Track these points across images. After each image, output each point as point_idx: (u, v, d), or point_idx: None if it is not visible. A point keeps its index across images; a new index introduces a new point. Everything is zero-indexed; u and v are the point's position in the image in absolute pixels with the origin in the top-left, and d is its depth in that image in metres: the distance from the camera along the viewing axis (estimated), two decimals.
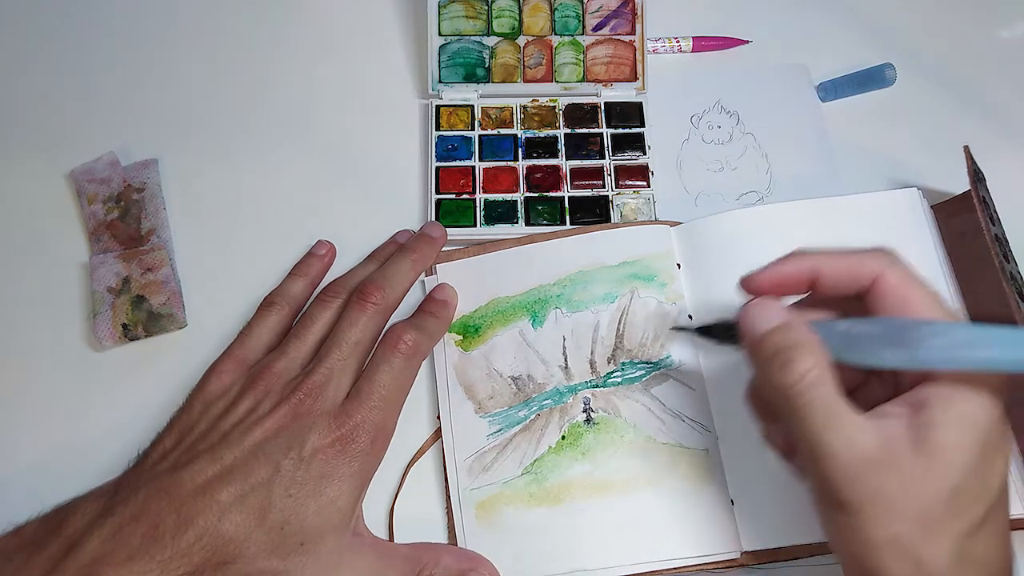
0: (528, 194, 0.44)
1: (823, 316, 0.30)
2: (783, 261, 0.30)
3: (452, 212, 0.43)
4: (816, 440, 0.26)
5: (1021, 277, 0.39)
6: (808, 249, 0.29)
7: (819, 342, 0.27)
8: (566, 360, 0.39)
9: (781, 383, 0.27)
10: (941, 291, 0.40)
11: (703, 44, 0.49)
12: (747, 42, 0.49)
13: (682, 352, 0.39)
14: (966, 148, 0.40)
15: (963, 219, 0.40)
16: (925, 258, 0.41)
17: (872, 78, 0.47)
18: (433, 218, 0.43)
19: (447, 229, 0.42)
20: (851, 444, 0.26)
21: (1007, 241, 0.40)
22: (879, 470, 0.25)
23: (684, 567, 0.35)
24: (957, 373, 0.26)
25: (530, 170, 0.44)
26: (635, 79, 0.46)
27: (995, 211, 0.41)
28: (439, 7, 0.46)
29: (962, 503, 0.25)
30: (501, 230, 0.43)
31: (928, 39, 0.50)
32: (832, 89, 0.47)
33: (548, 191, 0.44)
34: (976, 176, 0.40)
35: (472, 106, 0.46)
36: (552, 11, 0.46)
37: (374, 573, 0.33)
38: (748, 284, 0.30)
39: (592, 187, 0.44)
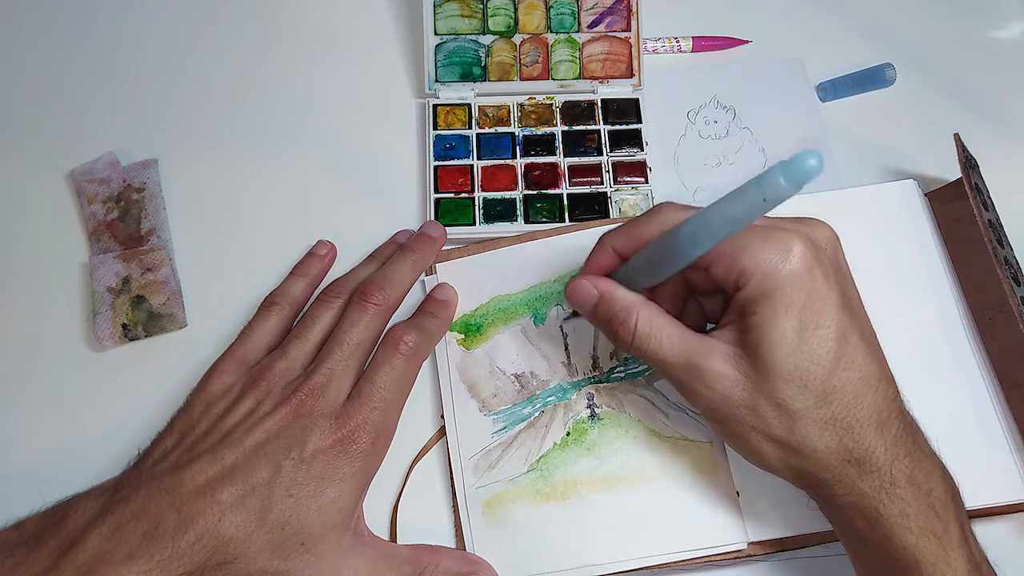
0: (527, 192, 0.44)
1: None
2: (595, 256, 0.34)
3: (451, 211, 0.43)
4: (673, 373, 0.31)
5: (1016, 262, 0.39)
6: (607, 229, 0.34)
7: (631, 297, 0.32)
8: (569, 356, 0.39)
9: (626, 343, 0.32)
10: (938, 279, 0.40)
11: (703, 44, 0.49)
12: (747, 42, 0.49)
13: None
14: (956, 136, 0.40)
15: (956, 206, 0.41)
16: (923, 247, 0.41)
17: (872, 78, 0.47)
18: (432, 217, 0.43)
19: (446, 228, 0.42)
20: (702, 365, 0.30)
21: (1002, 227, 0.40)
22: (727, 380, 0.30)
23: (692, 559, 0.35)
24: (757, 274, 0.29)
25: (528, 168, 0.45)
26: (631, 75, 0.47)
27: (989, 197, 0.41)
28: (435, 6, 0.46)
29: (800, 380, 0.29)
30: (500, 228, 0.43)
31: (927, 39, 0.50)
32: (832, 89, 0.48)
33: (547, 188, 0.44)
34: (968, 163, 0.40)
35: (469, 105, 0.46)
36: (547, 9, 0.47)
37: (374, 574, 0.33)
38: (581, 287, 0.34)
39: (590, 184, 0.44)
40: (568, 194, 0.44)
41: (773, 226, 0.30)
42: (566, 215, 0.43)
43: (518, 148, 0.45)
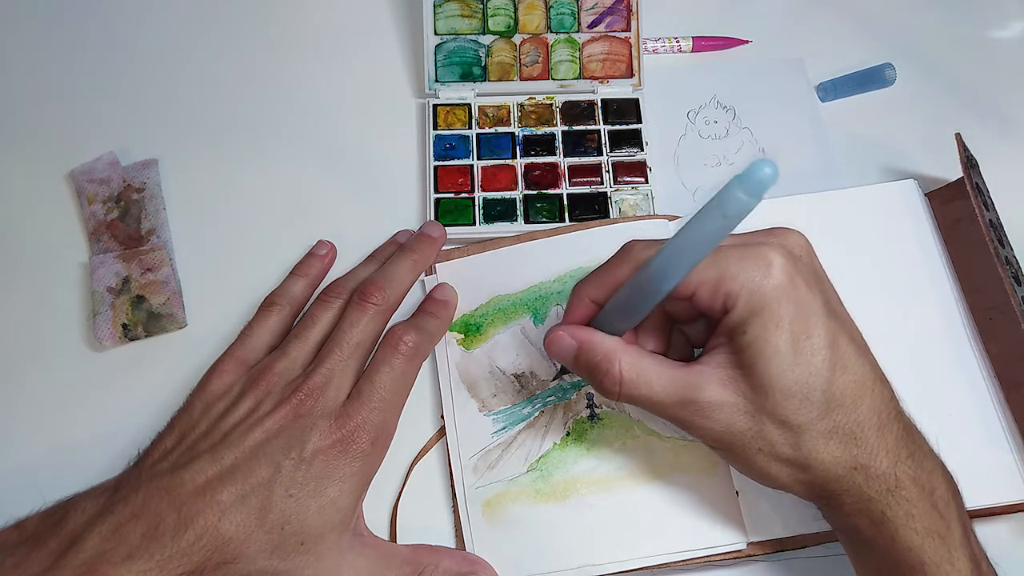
0: (527, 192, 0.44)
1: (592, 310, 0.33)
2: (572, 307, 0.33)
3: (451, 211, 0.43)
4: (669, 412, 0.31)
5: (1016, 261, 0.39)
6: (582, 279, 0.33)
7: (609, 343, 0.31)
8: None
9: (614, 392, 0.31)
10: (939, 279, 0.40)
11: (703, 44, 0.49)
12: (747, 42, 0.49)
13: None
14: (958, 135, 0.40)
15: (957, 206, 0.41)
16: (923, 247, 0.41)
17: (872, 78, 0.47)
18: (432, 217, 0.43)
19: (446, 228, 0.42)
20: (692, 395, 0.30)
21: (1002, 226, 0.40)
22: (727, 408, 0.29)
23: (691, 559, 0.35)
24: (743, 294, 0.29)
25: (528, 168, 0.45)
26: (631, 75, 0.47)
27: (989, 197, 0.41)
28: (435, 6, 0.46)
29: (801, 393, 0.29)
30: (500, 228, 0.43)
31: (927, 39, 0.50)
32: (832, 89, 0.48)
33: (547, 188, 0.44)
34: (969, 163, 0.40)
35: (469, 105, 0.46)
36: (547, 9, 0.47)
37: (374, 574, 0.33)
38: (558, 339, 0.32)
39: (590, 184, 0.44)
40: (568, 194, 0.44)
41: (746, 243, 0.30)
42: (566, 215, 0.43)
43: (518, 148, 0.45)
